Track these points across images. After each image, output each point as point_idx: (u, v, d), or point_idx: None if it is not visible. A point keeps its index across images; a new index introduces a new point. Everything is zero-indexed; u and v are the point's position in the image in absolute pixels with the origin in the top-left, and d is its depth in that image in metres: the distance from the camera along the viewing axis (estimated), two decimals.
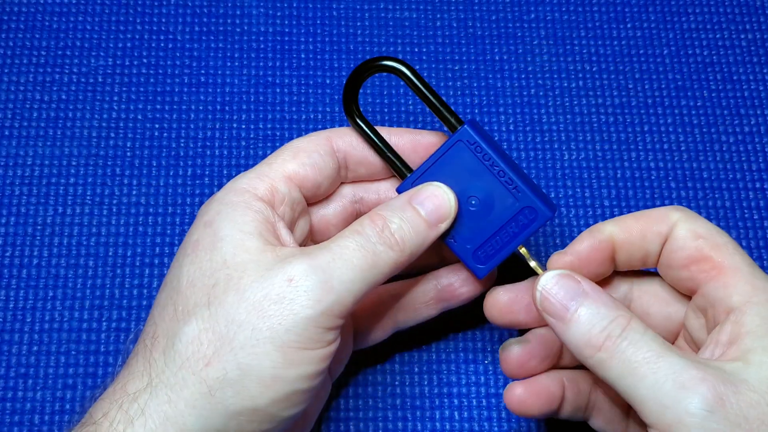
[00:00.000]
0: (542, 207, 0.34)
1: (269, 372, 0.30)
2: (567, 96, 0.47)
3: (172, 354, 0.30)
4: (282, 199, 0.34)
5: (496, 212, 0.34)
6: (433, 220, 0.33)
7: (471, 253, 0.35)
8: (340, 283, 0.30)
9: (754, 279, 0.31)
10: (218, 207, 0.33)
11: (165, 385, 0.30)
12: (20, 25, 0.47)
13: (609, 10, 0.49)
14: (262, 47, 0.48)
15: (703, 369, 0.28)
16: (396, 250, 0.32)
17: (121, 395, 0.30)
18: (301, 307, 0.30)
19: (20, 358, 0.40)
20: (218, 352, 0.30)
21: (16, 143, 0.45)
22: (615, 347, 0.30)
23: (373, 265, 0.31)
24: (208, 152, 0.45)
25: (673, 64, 0.48)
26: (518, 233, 0.34)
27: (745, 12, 0.49)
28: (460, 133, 0.34)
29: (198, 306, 0.30)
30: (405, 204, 0.33)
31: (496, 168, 0.34)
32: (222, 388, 0.29)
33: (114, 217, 0.43)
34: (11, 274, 0.42)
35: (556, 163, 0.45)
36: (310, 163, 0.35)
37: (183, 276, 0.32)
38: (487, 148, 0.34)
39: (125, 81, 0.46)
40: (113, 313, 0.41)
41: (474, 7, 0.49)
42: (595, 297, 0.31)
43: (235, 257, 0.31)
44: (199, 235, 0.32)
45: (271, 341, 0.29)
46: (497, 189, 0.34)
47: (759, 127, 0.46)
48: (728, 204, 0.44)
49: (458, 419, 0.40)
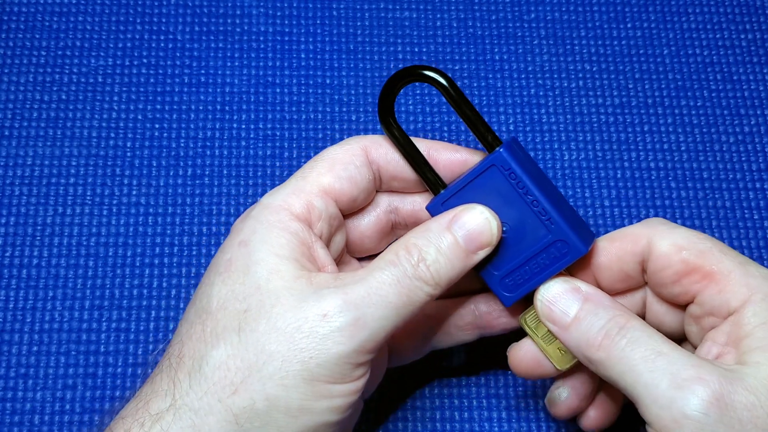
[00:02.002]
0: (576, 242, 0.32)
1: (297, 404, 0.29)
2: (567, 96, 0.47)
3: (198, 377, 0.30)
4: (319, 216, 0.33)
5: (528, 242, 0.33)
6: (473, 248, 0.32)
7: (498, 279, 0.34)
8: (374, 321, 0.30)
9: (748, 278, 0.30)
10: (254, 226, 0.32)
11: (189, 408, 0.29)
12: (20, 25, 0.47)
13: (609, 10, 0.49)
14: (262, 47, 0.48)
15: (701, 369, 0.28)
16: (431, 285, 0.31)
17: (143, 414, 0.30)
18: (334, 344, 0.29)
19: (20, 358, 0.40)
20: (246, 381, 0.29)
21: (16, 143, 0.45)
22: (613, 345, 0.29)
23: (407, 301, 0.31)
24: (208, 152, 0.45)
25: (673, 64, 0.48)
26: (549, 266, 0.33)
27: (745, 12, 0.49)
28: (495, 157, 0.32)
29: (227, 330, 0.30)
30: (443, 230, 0.32)
31: (529, 197, 0.32)
32: (249, 418, 0.29)
33: (114, 217, 0.43)
34: (11, 274, 0.42)
35: (556, 163, 0.45)
36: (346, 176, 0.34)
37: (214, 296, 0.31)
38: (522, 175, 0.32)
39: (125, 81, 0.46)
40: (113, 313, 0.41)
41: (474, 7, 0.49)
42: (594, 300, 0.31)
43: (269, 283, 0.30)
44: (233, 255, 0.31)
45: (300, 375, 0.29)
46: (530, 218, 0.33)
47: (759, 127, 0.46)
48: (728, 204, 0.44)
49: (458, 419, 0.40)
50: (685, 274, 0.31)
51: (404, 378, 0.41)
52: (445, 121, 0.46)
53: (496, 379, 0.41)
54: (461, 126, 0.46)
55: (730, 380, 0.28)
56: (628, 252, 0.32)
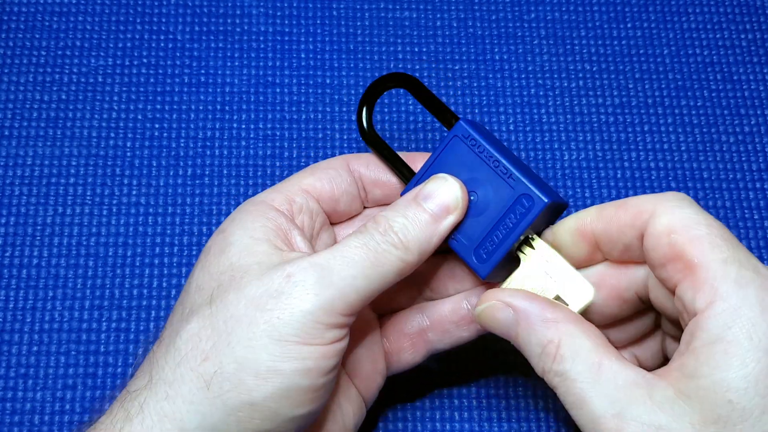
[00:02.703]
0: (538, 192, 0.32)
1: (266, 365, 0.29)
2: (567, 96, 0.47)
3: (172, 351, 0.30)
4: (300, 208, 0.34)
5: (494, 205, 0.33)
6: (439, 213, 0.33)
7: (473, 251, 0.34)
8: (341, 279, 0.30)
9: (721, 282, 0.28)
10: (233, 215, 0.33)
11: (163, 381, 0.30)
12: (20, 25, 0.47)
13: (609, 10, 0.49)
14: (262, 47, 0.48)
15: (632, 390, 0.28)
16: (400, 248, 0.32)
17: (125, 396, 0.30)
18: (299, 301, 0.30)
19: (20, 358, 0.40)
20: (216, 346, 0.30)
21: (16, 143, 0.45)
22: (555, 379, 0.30)
23: (375, 262, 0.31)
24: (208, 152, 0.45)
25: (673, 64, 0.48)
26: (516, 224, 0.33)
27: (745, 12, 0.49)
28: (456, 128, 0.34)
29: (201, 306, 0.31)
30: (409, 201, 0.33)
31: (491, 159, 0.33)
32: (219, 382, 0.29)
33: (114, 217, 0.43)
34: (11, 274, 0.42)
35: (556, 163, 0.45)
36: (326, 177, 0.35)
37: (193, 282, 0.32)
38: (482, 140, 0.34)
39: (125, 81, 0.46)
40: (113, 313, 0.41)
41: (474, 7, 0.49)
42: (525, 322, 0.31)
43: (241, 260, 0.31)
44: (212, 242, 0.33)
45: (268, 334, 0.29)
46: (494, 180, 0.33)
47: (759, 127, 0.46)
48: (728, 204, 0.44)
49: (458, 419, 0.40)
50: (670, 259, 0.29)
51: (404, 378, 0.41)
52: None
53: (496, 379, 0.41)
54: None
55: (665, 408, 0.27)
56: (627, 224, 0.31)
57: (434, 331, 0.37)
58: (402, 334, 0.37)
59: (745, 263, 0.28)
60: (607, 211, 0.32)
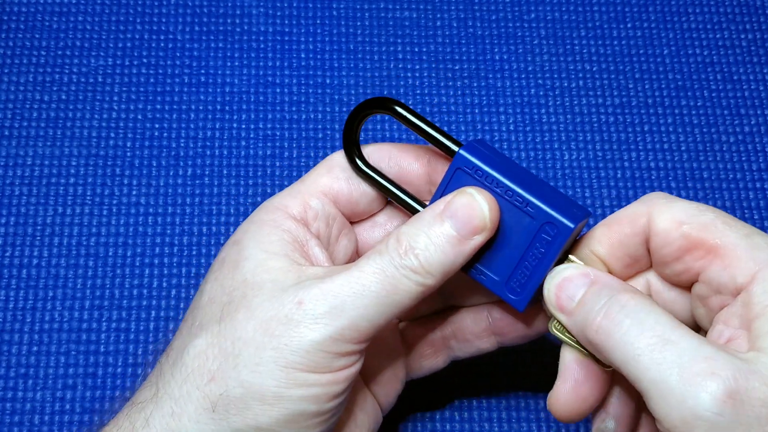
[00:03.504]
0: (561, 218, 0.30)
1: (272, 391, 0.29)
2: (567, 96, 0.47)
3: (179, 366, 0.30)
4: (315, 214, 0.33)
5: (517, 237, 0.31)
6: (465, 234, 0.30)
7: (503, 285, 0.32)
8: (353, 309, 0.29)
9: (755, 251, 0.28)
10: (247, 226, 0.32)
11: (170, 397, 0.29)
12: (20, 25, 0.47)
13: (609, 10, 0.49)
14: (262, 47, 0.48)
15: (714, 361, 0.25)
16: (420, 273, 0.30)
17: (130, 406, 0.30)
18: (308, 331, 0.29)
19: (20, 358, 0.40)
20: (222, 367, 0.29)
21: (16, 143, 0.45)
22: (614, 327, 0.27)
23: (392, 291, 0.30)
24: (208, 152, 0.45)
25: (673, 64, 0.48)
26: (545, 254, 0.31)
27: (745, 12, 0.49)
28: (456, 160, 0.31)
29: (211, 321, 0.30)
30: (434, 218, 0.31)
31: (502, 188, 0.31)
32: (225, 405, 0.29)
33: (114, 217, 0.43)
34: (11, 274, 0.42)
35: (556, 163, 0.45)
36: (344, 177, 0.33)
37: (205, 293, 0.31)
38: (487, 169, 0.31)
39: (125, 81, 0.46)
40: (113, 313, 0.41)
41: (474, 7, 0.49)
42: (602, 282, 0.29)
43: (255, 276, 0.30)
44: (226, 254, 0.32)
45: (274, 360, 0.29)
46: (511, 211, 0.31)
47: (759, 127, 0.46)
48: (728, 204, 0.44)
49: (458, 419, 0.40)
50: (687, 250, 0.29)
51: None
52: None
53: (496, 379, 0.41)
54: None
55: (746, 373, 0.25)
56: (628, 235, 0.30)
57: (456, 340, 0.36)
58: (424, 340, 0.36)
59: (762, 233, 0.29)
60: (601, 232, 0.31)
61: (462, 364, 0.41)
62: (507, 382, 0.41)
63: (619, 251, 0.31)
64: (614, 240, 0.31)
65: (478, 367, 0.41)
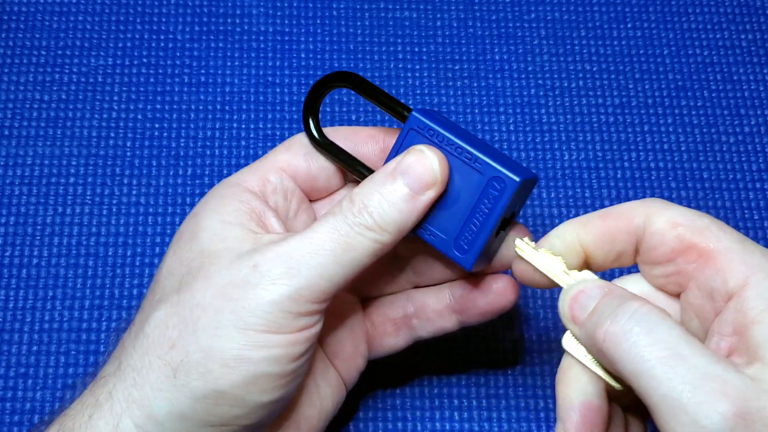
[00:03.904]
0: (507, 173, 0.31)
1: (232, 353, 0.29)
2: (567, 96, 0.47)
3: (141, 338, 0.30)
4: (273, 188, 0.33)
5: (465, 193, 0.32)
6: (418, 189, 0.31)
7: (452, 244, 0.32)
8: (309, 268, 0.30)
9: (746, 256, 0.28)
10: (206, 199, 0.33)
11: (132, 368, 0.30)
12: (20, 25, 0.47)
13: (609, 10, 0.49)
14: (262, 47, 0.48)
15: (725, 381, 0.25)
16: (375, 230, 0.31)
17: (94, 383, 0.31)
18: (265, 292, 0.29)
19: (20, 358, 0.40)
20: (182, 334, 0.29)
21: (16, 143, 0.45)
22: (623, 334, 0.27)
23: (347, 248, 0.30)
24: (208, 152, 0.45)
25: (673, 64, 0.48)
26: (492, 208, 0.32)
27: (745, 12, 0.49)
28: (410, 120, 0.32)
29: (170, 293, 0.31)
30: (386, 176, 0.31)
31: (453, 146, 0.32)
32: (185, 371, 0.29)
33: (114, 217, 0.43)
34: (11, 274, 0.42)
35: (556, 163, 0.45)
36: (303, 153, 0.34)
37: (164, 267, 0.32)
38: (440, 128, 0.32)
39: (125, 81, 0.46)
40: (113, 313, 0.41)
41: (474, 7, 0.49)
42: (615, 292, 0.29)
43: (212, 246, 0.31)
44: (184, 226, 0.32)
45: (233, 323, 0.29)
46: (460, 168, 0.32)
47: (759, 127, 0.46)
48: (728, 204, 0.44)
49: (458, 419, 0.40)
50: (681, 252, 0.29)
51: (404, 378, 0.41)
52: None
53: (496, 379, 0.41)
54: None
55: (757, 392, 0.25)
56: (621, 231, 0.30)
57: (418, 318, 0.37)
58: (386, 318, 0.37)
59: (755, 243, 0.29)
60: (595, 223, 0.31)
61: (462, 363, 0.41)
62: (507, 381, 0.41)
63: (607, 244, 0.31)
64: (605, 232, 0.31)
65: (478, 366, 0.41)
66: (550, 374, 0.41)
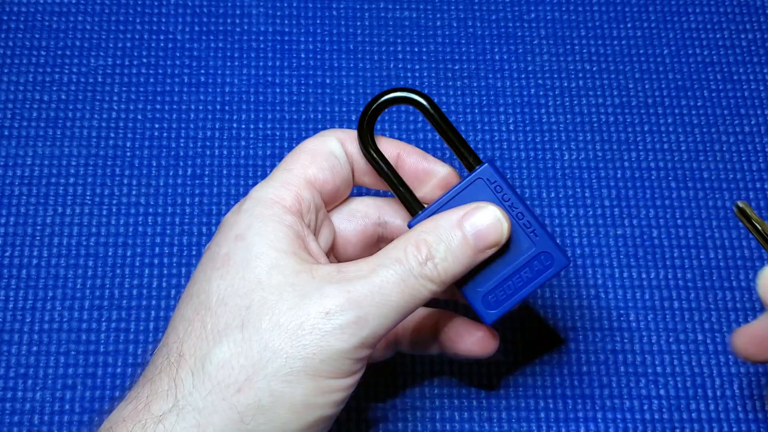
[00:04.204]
0: (559, 254, 0.33)
1: (301, 399, 0.29)
2: (567, 96, 0.47)
3: (202, 376, 0.29)
4: (308, 207, 0.33)
5: (511, 256, 0.33)
6: (482, 247, 0.32)
7: (481, 296, 0.33)
8: (375, 319, 0.30)
9: None
10: (248, 221, 0.32)
11: (193, 408, 0.29)
12: (20, 25, 0.47)
13: (609, 10, 0.49)
14: (262, 47, 0.48)
15: None
16: (437, 283, 0.31)
17: (144, 415, 0.29)
18: (336, 341, 0.30)
19: (20, 358, 0.40)
20: (251, 378, 0.29)
21: (16, 143, 0.45)
22: None
23: (410, 300, 0.31)
24: (208, 152, 0.45)
25: (673, 64, 0.48)
26: (532, 279, 0.33)
27: (745, 12, 0.49)
28: (482, 170, 0.33)
29: (230, 327, 0.30)
30: (454, 227, 0.32)
31: (515, 209, 0.33)
32: (254, 416, 0.29)
33: (114, 217, 0.43)
34: (11, 274, 0.42)
35: (556, 163, 0.45)
36: (328, 166, 0.34)
37: (213, 292, 0.31)
38: (508, 188, 0.33)
39: (125, 81, 0.46)
40: (113, 313, 0.41)
41: (474, 7, 0.49)
42: None
43: (271, 278, 0.30)
44: (230, 249, 0.31)
45: (304, 371, 0.29)
46: (514, 231, 0.33)
47: (759, 127, 0.46)
48: (728, 204, 0.44)
49: (458, 419, 0.40)
50: None
51: (403, 377, 0.41)
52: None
53: (496, 379, 0.41)
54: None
55: None
56: None
57: (403, 339, 0.37)
58: None
59: None
60: None
61: (462, 363, 0.41)
62: (507, 381, 0.41)
63: None
64: None
65: (478, 366, 0.41)
66: (550, 374, 0.41)
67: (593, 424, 0.40)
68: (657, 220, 0.44)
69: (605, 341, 0.41)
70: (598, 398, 0.40)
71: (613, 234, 0.44)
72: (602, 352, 0.41)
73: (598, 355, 0.41)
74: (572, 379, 0.41)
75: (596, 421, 0.40)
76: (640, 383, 0.41)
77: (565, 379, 0.41)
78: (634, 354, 0.41)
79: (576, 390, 0.40)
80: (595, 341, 0.41)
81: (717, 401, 0.40)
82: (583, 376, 0.41)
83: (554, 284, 0.42)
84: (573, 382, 0.41)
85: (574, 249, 0.43)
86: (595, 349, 0.41)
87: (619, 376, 0.41)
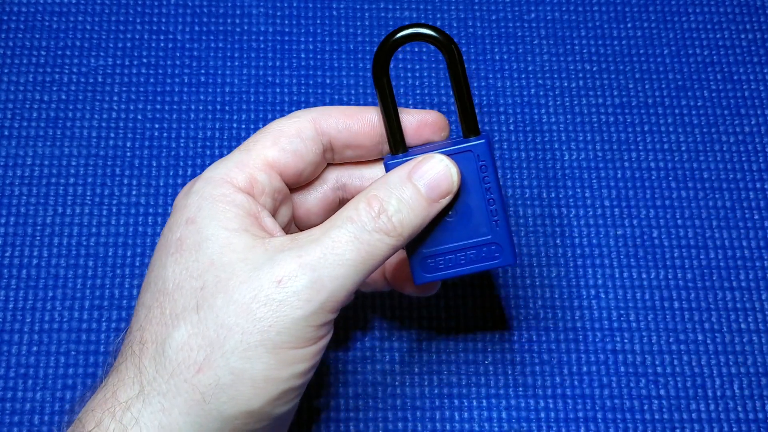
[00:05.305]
0: (509, 251, 0.33)
1: (262, 374, 0.29)
2: (567, 96, 0.47)
3: (163, 361, 0.29)
4: (262, 190, 0.32)
5: (466, 233, 0.33)
6: (435, 197, 0.32)
7: (421, 257, 0.33)
8: (332, 281, 0.30)
9: None
10: (199, 202, 0.31)
11: (157, 393, 0.29)
12: (20, 25, 0.47)
13: (609, 10, 0.49)
14: (262, 47, 0.48)
15: None
16: (394, 236, 0.31)
17: (112, 403, 0.29)
18: (291, 309, 0.29)
19: (20, 358, 0.40)
20: (209, 357, 0.29)
21: (16, 143, 0.45)
22: None
23: (367, 257, 0.30)
24: (208, 152, 0.45)
25: (673, 64, 0.48)
26: (474, 262, 0.33)
27: (745, 12, 0.49)
28: (476, 145, 0.32)
29: (186, 310, 0.30)
30: (404, 180, 0.31)
31: (489, 194, 0.32)
32: (215, 394, 0.29)
33: (114, 217, 0.43)
34: (11, 274, 0.42)
35: (556, 163, 0.45)
36: (291, 149, 0.33)
37: (168, 278, 0.31)
38: (492, 173, 0.32)
39: (125, 81, 0.46)
40: (113, 313, 0.41)
41: (474, 7, 0.49)
42: None
43: (222, 257, 0.30)
44: (182, 234, 0.31)
45: (262, 344, 0.29)
46: (479, 212, 0.32)
47: (759, 127, 0.46)
48: (728, 204, 0.44)
49: (458, 419, 0.40)
50: None
51: (404, 378, 0.41)
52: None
53: (496, 379, 0.41)
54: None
55: None
56: None
57: None
58: None
59: None
60: None
61: (462, 363, 0.41)
62: (507, 381, 0.41)
63: None
64: None
65: (478, 366, 0.41)
66: (550, 374, 0.41)
67: (593, 424, 0.40)
68: (657, 220, 0.44)
69: (605, 341, 0.41)
70: (598, 398, 0.40)
71: (613, 234, 0.44)
72: (602, 352, 0.41)
73: (598, 355, 0.41)
74: (572, 379, 0.41)
75: (596, 421, 0.40)
76: (640, 383, 0.41)
77: (565, 379, 0.41)
78: (634, 354, 0.41)
79: (576, 390, 0.40)
80: (595, 341, 0.41)
81: (717, 401, 0.40)
82: (583, 376, 0.41)
83: (554, 284, 0.42)
84: (573, 382, 0.41)
85: (574, 249, 0.43)
86: (595, 349, 0.41)
87: (619, 376, 0.41)
